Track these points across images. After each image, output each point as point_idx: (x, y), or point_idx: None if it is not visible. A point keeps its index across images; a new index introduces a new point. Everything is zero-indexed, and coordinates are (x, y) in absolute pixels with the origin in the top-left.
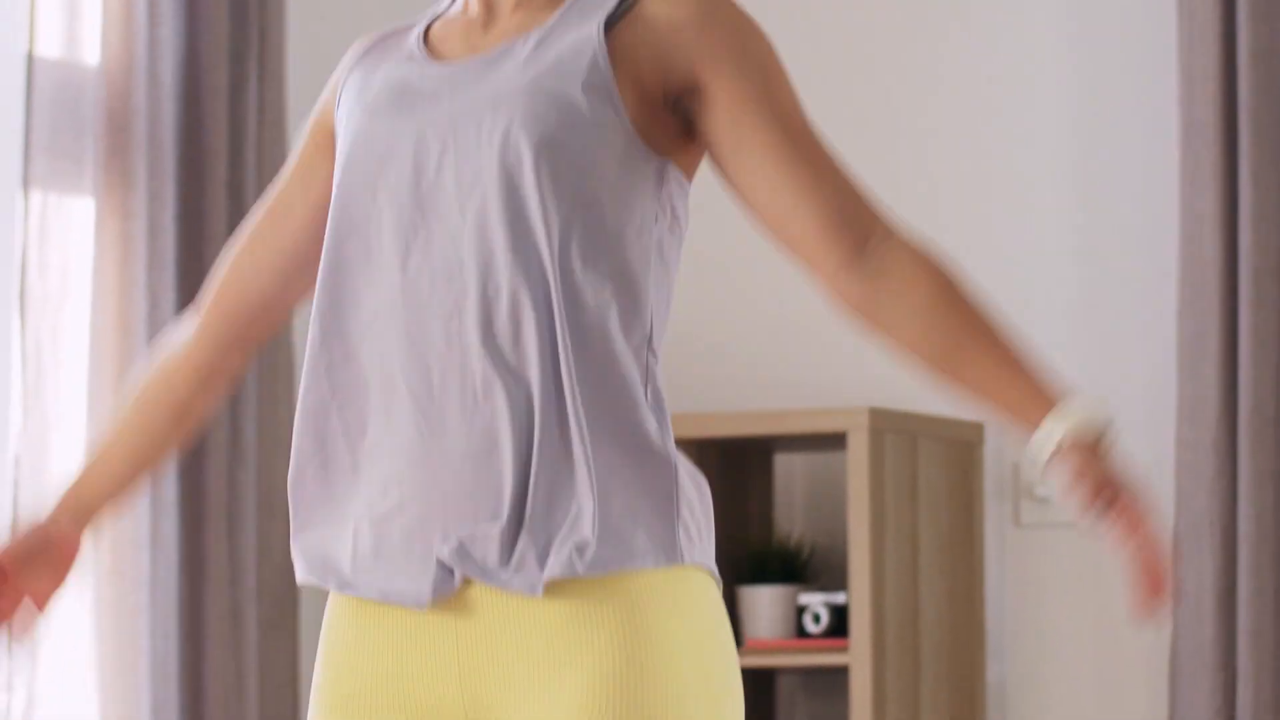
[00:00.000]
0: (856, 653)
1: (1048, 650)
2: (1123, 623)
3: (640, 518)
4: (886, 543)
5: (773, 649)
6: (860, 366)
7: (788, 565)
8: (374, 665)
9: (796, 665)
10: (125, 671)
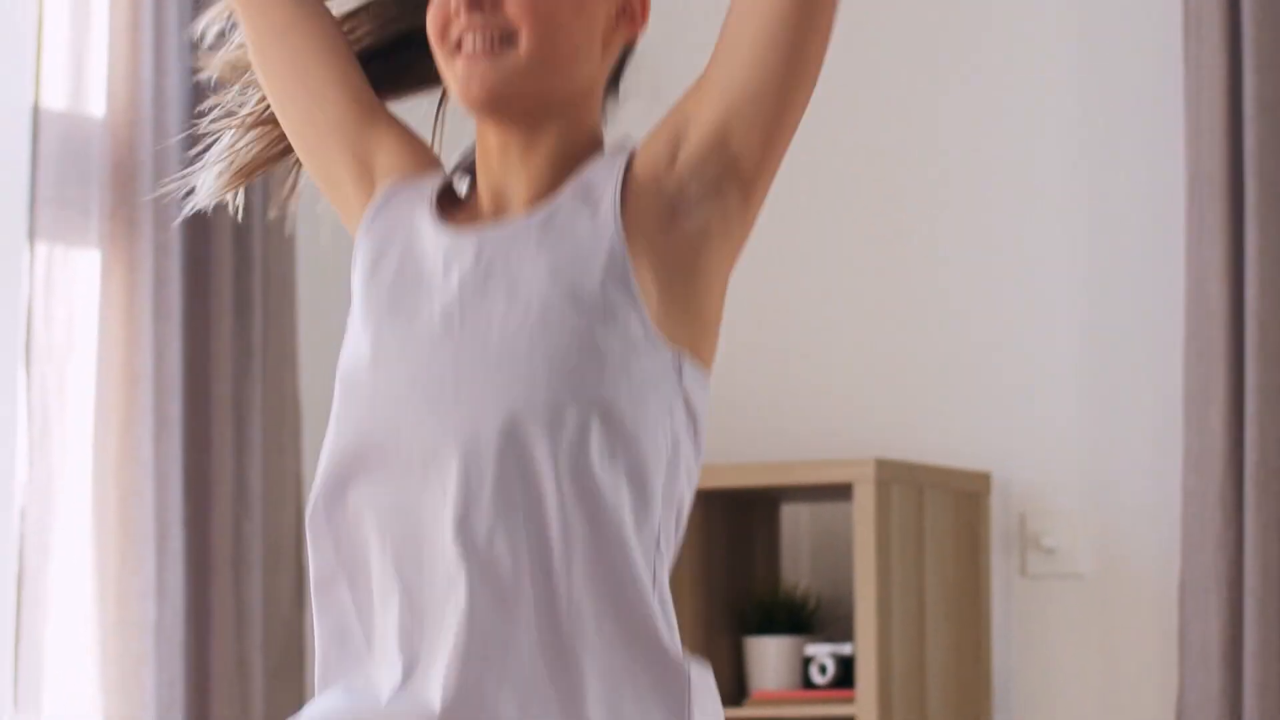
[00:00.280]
0: (863, 704)
1: (1054, 702)
2: (1129, 675)
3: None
4: (893, 593)
5: (779, 700)
6: (866, 418)
7: (794, 616)
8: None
9: (803, 716)
10: None
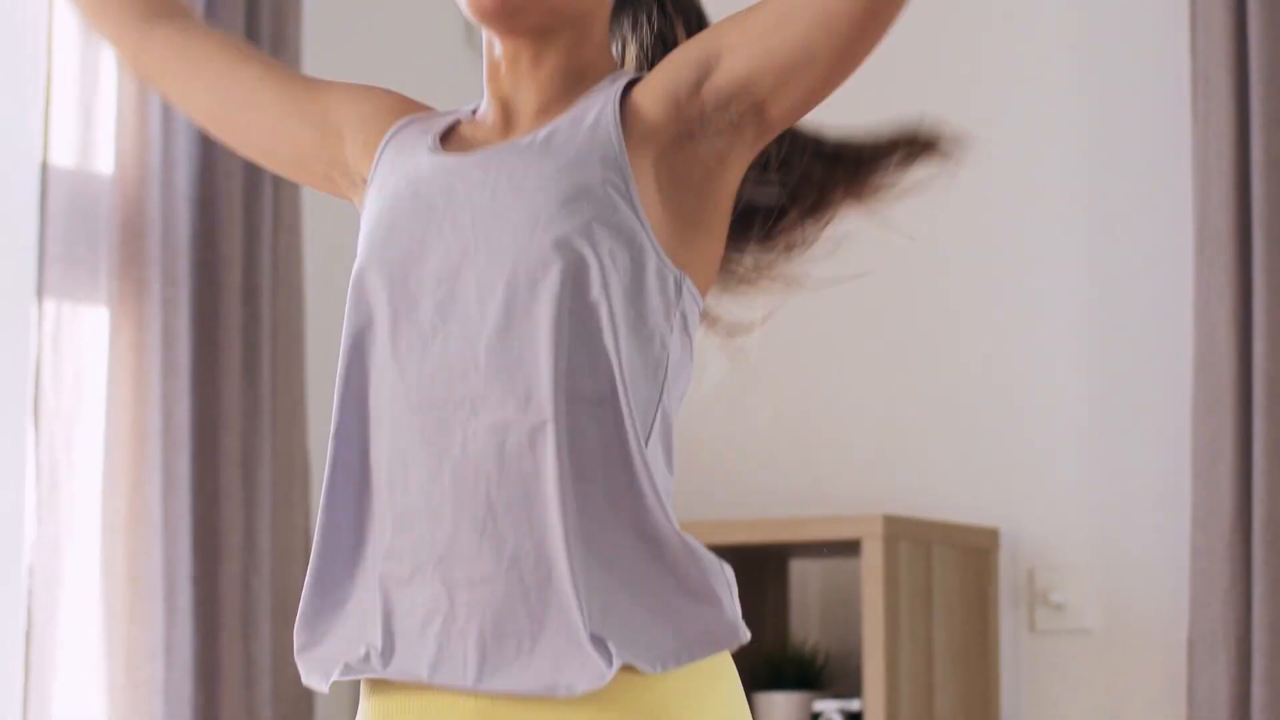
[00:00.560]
0: None
1: None
2: None
3: (667, 611)
4: (901, 649)
5: None
6: (874, 474)
7: (803, 672)
8: None
9: None
10: None
